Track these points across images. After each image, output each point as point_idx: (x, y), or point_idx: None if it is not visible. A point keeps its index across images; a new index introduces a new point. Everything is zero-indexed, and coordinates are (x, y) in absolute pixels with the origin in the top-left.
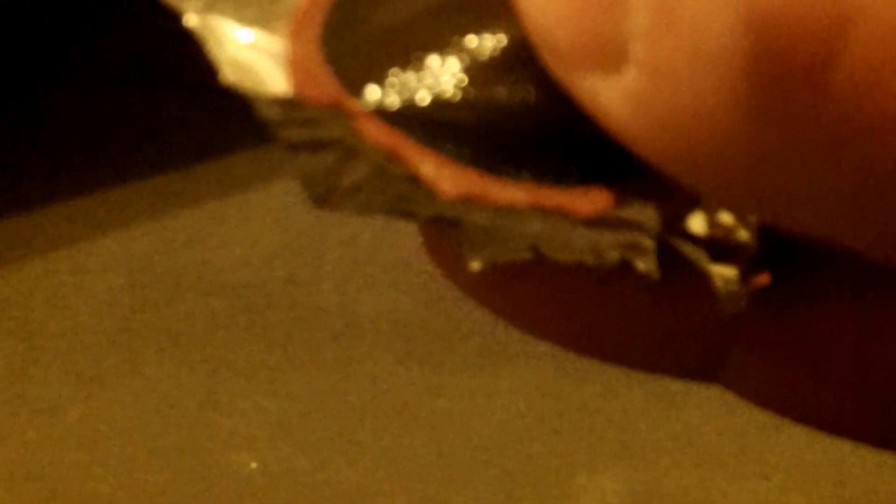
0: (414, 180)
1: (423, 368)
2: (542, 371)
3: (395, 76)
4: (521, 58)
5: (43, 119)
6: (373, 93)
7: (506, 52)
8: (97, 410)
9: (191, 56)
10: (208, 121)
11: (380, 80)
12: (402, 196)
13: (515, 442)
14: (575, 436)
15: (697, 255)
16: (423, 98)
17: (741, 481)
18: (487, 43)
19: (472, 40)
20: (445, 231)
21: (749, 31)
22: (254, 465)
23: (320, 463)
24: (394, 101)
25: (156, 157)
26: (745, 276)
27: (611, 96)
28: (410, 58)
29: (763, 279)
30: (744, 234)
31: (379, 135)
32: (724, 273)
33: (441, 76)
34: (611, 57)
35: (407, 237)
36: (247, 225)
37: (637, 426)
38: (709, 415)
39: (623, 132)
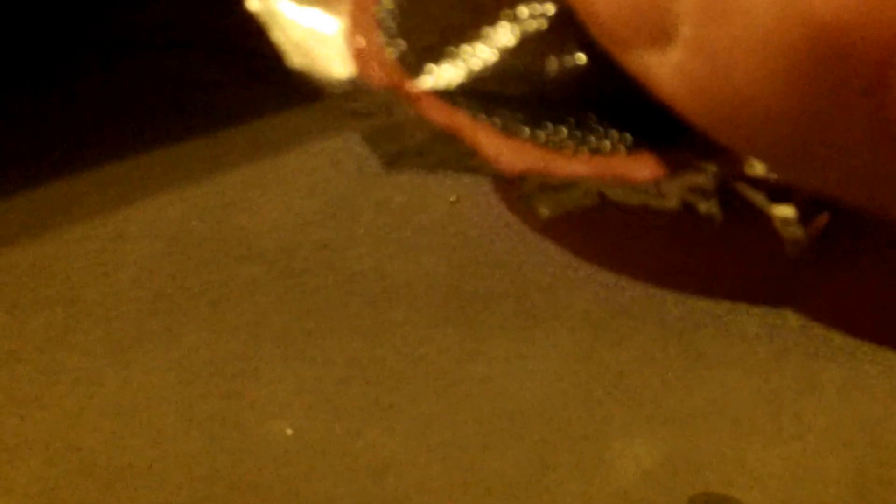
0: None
1: (458, 333)
2: (578, 334)
3: (452, 54)
4: (572, 27)
5: (74, 85)
6: (431, 72)
7: (556, 22)
8: (135, 379)
9: (221, 19)
10: (240, 84)
11: (437, 58)
12: (465, 158)
13: (551, 407)
14: (610, 401)
15: (757, 197)
16: (479, 72)
17: (776, 444)
18: (538, 14)
19: (522, 12)
20: (513, 184)
21: (808, 30)
22: (289, 431)
23: (356, 430)
24: (451, 78)
25: (188, 122)
26: (804, 218)
27: (660, 70)
28: (465, 34)
29: (822, 220)
30: None
31: (439, 114)
32: (783, 213)
33: (495, 49)
34: (659, 35)
35: (440, 200)
36: (281, 189)
37: (673, 391)
38: (744, 377)
39: (672, 102)
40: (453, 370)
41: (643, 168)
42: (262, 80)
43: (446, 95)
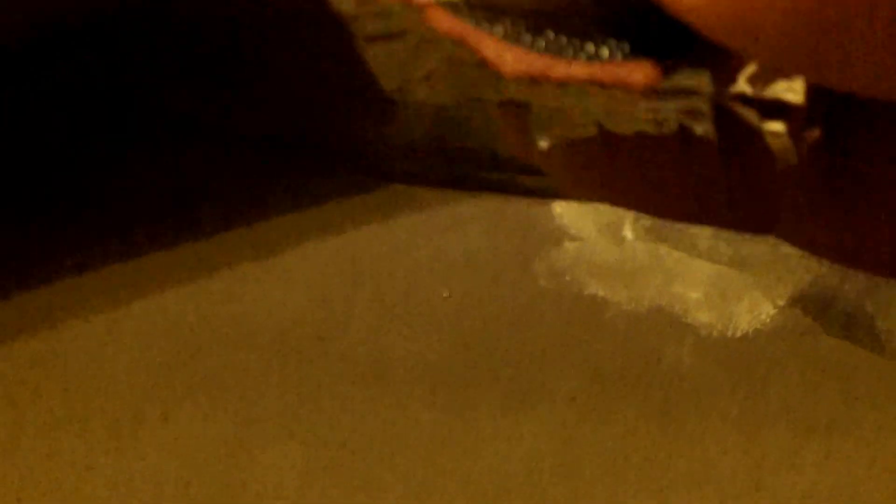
0: (482, 65)
1: (447, 413)
2: (564, 414)
3: None
4: None
5: (77, 189)
6: None
7: None
8: (130, 463)
9: (223, 121)
10: (240, 188)
11: None
12: (472, 82)
13: (537, 483)
14: (594, 477)
15: (750, 114)
16: None
17: None
18: None
19: None
20: (515, 113)
21: None
22: None
23: None
24: None
25: (189, 224)
26: (795, 132)
27: None
28: None
29: (813, 134)
30: (792, 95)
31: (447, 23)
32: (774, 128)
33: None
34: None
35: (433, 294)
36: (278, 286)
37: (654, 466)
38: (725, 452)
39: (689, 11)
40: (442, 448)
41: (639, 72)
42: (261, 185)
43: (451, 7)
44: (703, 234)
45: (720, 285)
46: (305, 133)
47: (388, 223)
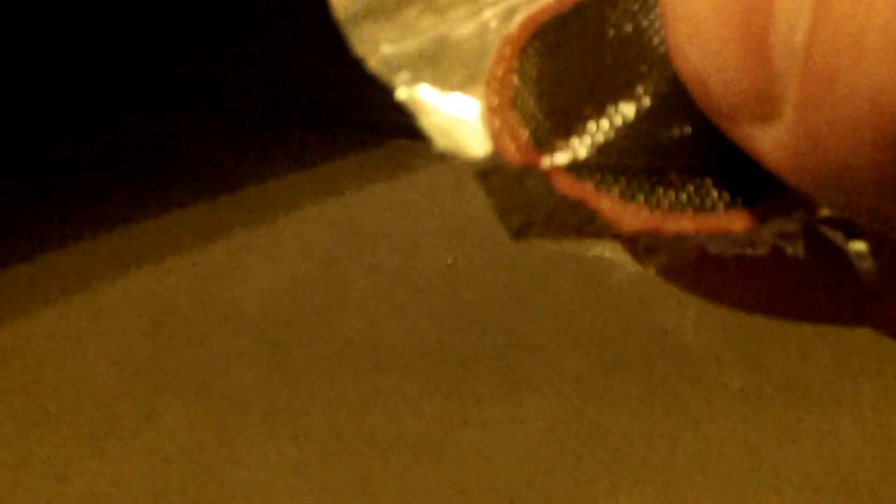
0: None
1: (447, 401)
2: (565, 396)
3: (578, 131)
4: (681, 103)
5: (53, 154)
6: (560, 149)
7: (668, 99)
8: (107, 471)
9: (207, 82)
10: (230, 150)
11: (566, 135)
12: (588, 219)
13: (537, 473)
14: (596, 461)
15: (836, 236)
16: (602, 147)
17: (756, 496)
18: (653, 92)
19: (639, 91)
20: (628, 244)
21: None
22: None
23: None
24: (578, 153)
25: (178, 189)
26: (876, 251)
27: (764, 142)
28: (589, 113)
29: (893, 251)
30: None
31: (566, 186)
32: (857, 248)
33: (615, 126)
34: (764, 114)
35: (435, 261)
36: (273, 253)
37: (656, 447)
38: (726, 431)
39: (776, 168)
40: (441, 440)
41: (739, 221)
42: (252, 145)
43: (573, 169)
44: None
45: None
46: (301, 87)
47: (391, 183)
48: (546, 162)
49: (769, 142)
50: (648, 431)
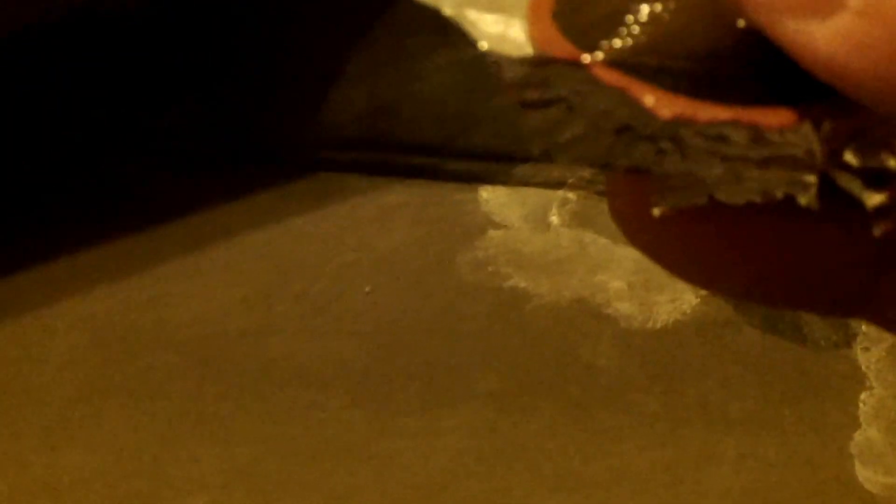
0: (619, 134)
1: (367, 412)
2: (483, 412)
3: (619, 34)
4: (719, 9)
5: (8, 181)
6: (603, 47)
7: (706, 5)
8: (62, 461)
9: (148, 121)
10: (165, 186)
11: (607, 36)
12: (608, 149)
13: (455, 480)
14: (512, 473)
15: (852, 184)
16: (641, 46)
17: None
18: (686, 23)
19: (672, 21)
20: (636, 179)
21: None
22: None
23: None
24: (620, 51)
25: (117, 222)
26: (894, 201)
27: (821, 36)
28: (629, 15)
29: None
30: (893, 162)
31: (611, 78)
32: (876, 200)
33: (651, 29)
34: (826, 5)
35: (354, 290)
36: (205, 282)
37: (572, 460)
38: (643, 448)
39: (827, 66)
40: (362, 447)
41: (773, 117)
42: (186, 181)
43: (616, 65)
44: None
45: (644, 274)
46: (232, 124)
47: (316, 216)
48: (587, 57)
49: (826, 35)
50: (563, 445)
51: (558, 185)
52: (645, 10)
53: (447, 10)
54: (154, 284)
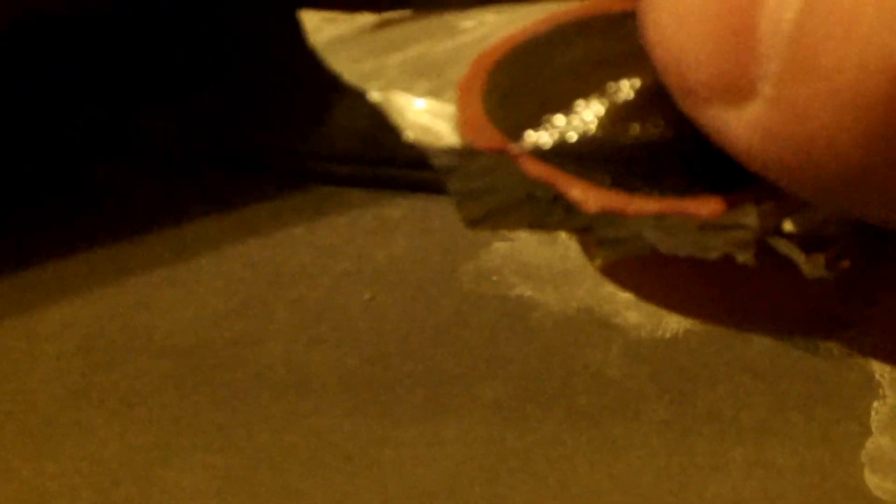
0: (555, 201)
1: (367, 420)
2: (486, 421)
3: (547, 121)
4: (652, 98)
5: None
6: (530, 136)
7: (639, 94)
8: (49, 468)
9: (138, 127)
10: (158, 191)
11: (535, 125)
12: (544, 214)
13: (457, 489)
14: (516, 481)
15: (790, 250)
16: (572, 137)
17: None
18: (624, 88)
19: (611, 86)
20: (579, 237)
21: (887, 77)
22: None
23: None
24: (547, 141)
25: (106, 227)
26: (831, 263)
27: (737, 125)
28: (559, 105)
29: (846, 264)
30: (831, 229)
31: (538, 170)
32: (813, 261)
33: (585, 118)
34: (739, 93)
35: (354, 297)
36: (196, 289)
37: (577, 469)
38: (650, 457)
39: (746, 154)
40: (363, 456)
41: (706, 206)
42: (180, 188)
43: (543, 155)
44: None
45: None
46: (231, 135)
47: (313, 227)
48: (515, 147)
49: (742, 124)
50: (569, 454)
51: None
52: (575, 95)
53: (374, 96)
54: (144, 291)
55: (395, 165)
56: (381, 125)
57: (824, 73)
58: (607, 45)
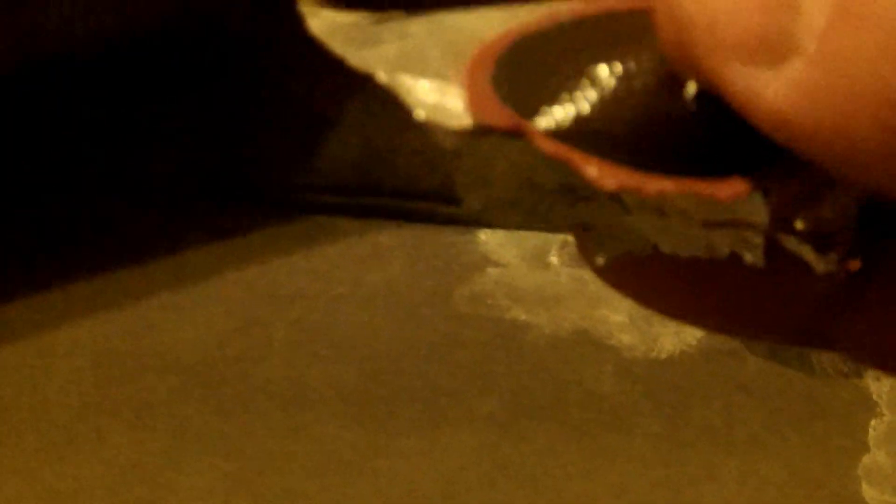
0: (558, 190)
1: (367, 431)
2: (483, 432)
3: (560, 102)
4: (664, 80)
5: (6, 220)
6: (544, 116)
7: (650, 76)
8: (68, 472)
9: (135, 164)
10: (158, 223)
11: (548, 105)
12: (548, 208)
13: (454, 495)
14: (512, 490)
15: (800, 248)
16: (584, 115)
17: None
18: (631, 66)
19: (623, 69)
20: (580, 234)
21: None
22: None
23: None
24: (562, 121)
25: (110, 256)
26: (841, 261)
27: (772, 86)
28: (572, 87)
29: (855, 264)
30: (838, 227)
31: (553, 149)
32: (826, 258)
33: (595, 97)
34: (778, 51)
35: (352, 319)
36: (200, 312)
37: (573, 479)
38: (644, 467)
39: (779, 118)
40: (362, 463)
41: (722, 189)
42: (177, 220)
43: (557, 134)
44: None
45: (647, 309)
46: (227, 166)
47: (308, 254)
48: (529, 126)
49: (779, 83)
50: (564, 465)
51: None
52: (590, 76)
53: (381, 76)
54: (150, 314)
55: (387, 195)
56: (371, 156)
57: (875, 23)
58: (613, 35)
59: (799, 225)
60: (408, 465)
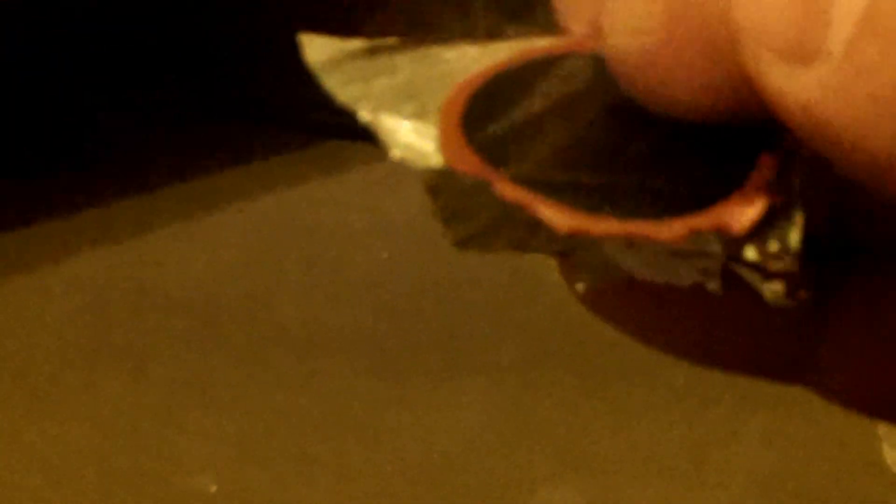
0: (534, 225)
1: (385, 382)
2: (503, 385)
3: (521, 145)
4: (619, 127)
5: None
6: (507, 162)
7: (607, 123)
8: (54, 431)
9: (147, 81)
10: (170, 145)
11: (515, 147)
12: (528, 236)
13: (477, 456)
14: (536, 449)
15: (752, 277)
16: (544, 162)
17: (700, 490)
18: (594, 117)
19: (582, 116)
20: (560, 262)
21: None
22: (213, 488)
23: (281, 483)
24: (522, 170)
25: (119, 181)
26: (790, 291)
27: (800, 84)
28: (534, 132)
29: (803, 294)
30: (788, 261)
31: (512, 194)
32: (774, 289)
33: (556, 144)
34: (808, 53)
35: (371, 256)
36: (208, 244)
37: (597, 438)
38: (669, 426)
39: (807, 110)
40: (378, 420)
41: (666, 232)
42: (192, 140)
43: (516, 180)
44: None
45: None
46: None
47: (327, 181)
48: (492, 173)
49: (805, 83)
50: (587, 422)
51: None
52: (549, 118)
53: (364, 116)
54: (156, 246)
55: None
56: None
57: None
58: (576, 78)
59: (749, 255)
60: (427, 422)
